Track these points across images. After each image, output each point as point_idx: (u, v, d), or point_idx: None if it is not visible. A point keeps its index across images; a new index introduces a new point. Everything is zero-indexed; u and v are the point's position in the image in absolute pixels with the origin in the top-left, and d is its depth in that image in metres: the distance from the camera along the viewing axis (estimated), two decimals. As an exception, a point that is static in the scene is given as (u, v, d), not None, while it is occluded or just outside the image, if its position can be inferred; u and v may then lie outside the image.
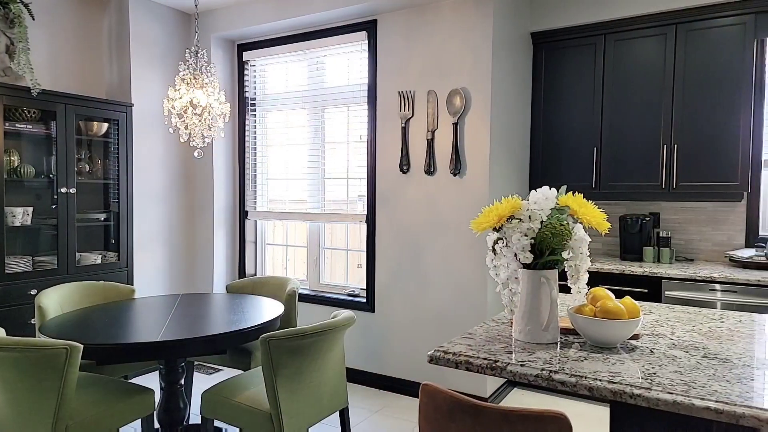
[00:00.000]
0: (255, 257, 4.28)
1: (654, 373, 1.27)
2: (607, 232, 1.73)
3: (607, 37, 3.42)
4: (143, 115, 3.77)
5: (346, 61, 3.72)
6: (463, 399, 1.22)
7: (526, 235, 1.52)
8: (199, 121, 2.46)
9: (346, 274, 3.89)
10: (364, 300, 3.63)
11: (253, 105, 4.15)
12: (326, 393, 2.26)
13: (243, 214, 4.17)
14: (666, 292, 3.00)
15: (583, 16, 3.47)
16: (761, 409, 1.07)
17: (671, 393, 1.16)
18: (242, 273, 4.19)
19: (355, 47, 3.64)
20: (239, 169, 4.18)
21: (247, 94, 4.14)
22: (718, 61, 3.11)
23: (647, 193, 3.34)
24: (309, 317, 3.84)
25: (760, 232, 3.32)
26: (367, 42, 3.54)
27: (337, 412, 2.64)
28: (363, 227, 3.74)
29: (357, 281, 3.84)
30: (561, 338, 1.59)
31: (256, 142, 4.18)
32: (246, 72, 4.12)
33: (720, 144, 3.11)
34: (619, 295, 3.14)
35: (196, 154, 2.61)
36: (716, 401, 1.11)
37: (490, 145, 3.14)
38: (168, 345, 2.11)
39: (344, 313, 2.32)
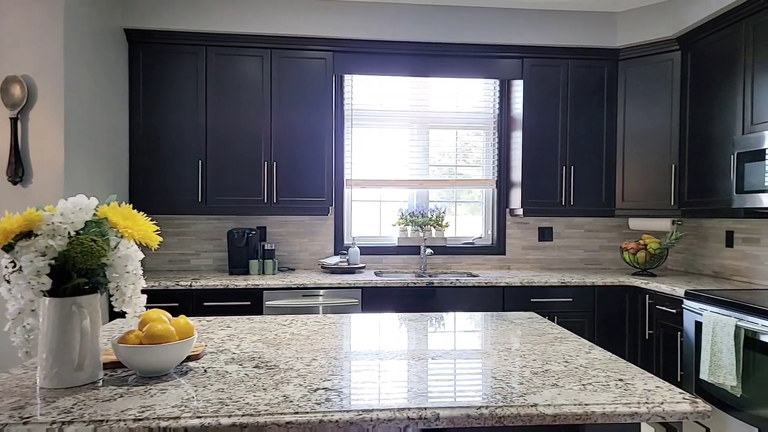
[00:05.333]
0: None
1: (193, 398, 1.13)
2: (158, 247, 1.55)
3: (209, 48, 3.37)
4: None
5: None
6: None
7: (44, 255, 1.18)
8: None
9: None
10: None
11: None
12: None
13: None
14: (267, 303, 3.10)
15: (182, 23, 3.32)
16: (281, 414, 1.04)
17: (201, 417, 1.03)
18: None
19: None
20: None
21: None
22: (307, 89, 3.45)
23: (253, 207, 3.42)
24: None
25: (345, 241, 3.86)
26: None
27: None
28: None
29: None
30: (107, 374, 1.31)
31: None
32: None
33: (312, 164, 3.45)
34: (224, 310, 3.07)
35: None
36: (243, 415, 1.04)
37: (66, 148, 2.60)
38: None
39: None
